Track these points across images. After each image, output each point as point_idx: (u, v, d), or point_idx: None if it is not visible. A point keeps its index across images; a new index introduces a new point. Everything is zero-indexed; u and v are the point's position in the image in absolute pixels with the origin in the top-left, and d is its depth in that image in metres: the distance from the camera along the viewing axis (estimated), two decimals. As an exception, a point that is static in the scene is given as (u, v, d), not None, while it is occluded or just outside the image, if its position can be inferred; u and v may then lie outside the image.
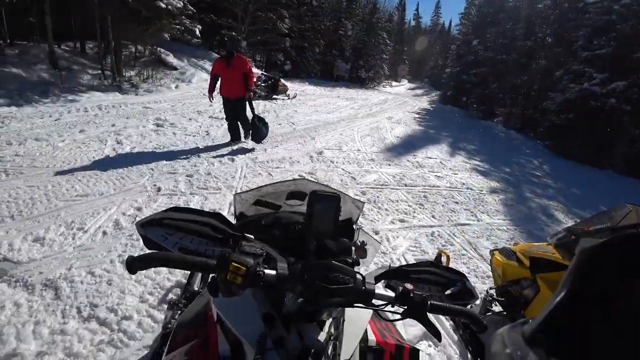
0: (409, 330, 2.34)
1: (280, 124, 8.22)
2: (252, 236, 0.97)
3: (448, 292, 0.94)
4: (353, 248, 1.09)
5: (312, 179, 1.18)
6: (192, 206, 3.57)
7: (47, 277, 2.30)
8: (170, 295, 2.28)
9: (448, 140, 10.65)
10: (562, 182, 8.44)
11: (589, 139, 11.84)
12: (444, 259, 3.04)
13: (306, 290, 0.74)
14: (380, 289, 0.83)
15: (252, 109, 5.91)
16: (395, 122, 12.05)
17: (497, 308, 2.60)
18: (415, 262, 1.00)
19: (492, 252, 2.90)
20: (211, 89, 5.70)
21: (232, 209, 1.23)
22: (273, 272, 0.75)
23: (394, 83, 43.74)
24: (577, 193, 7.73)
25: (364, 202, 1.32)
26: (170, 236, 0.85)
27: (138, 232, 0.83)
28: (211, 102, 5.99)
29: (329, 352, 0.82)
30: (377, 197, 4.74)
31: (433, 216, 4.49)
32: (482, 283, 3.27)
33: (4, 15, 9.03)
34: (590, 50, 12.66)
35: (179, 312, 1.51)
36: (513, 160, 10.06)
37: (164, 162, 4.73)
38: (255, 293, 0.88)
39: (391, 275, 0.92)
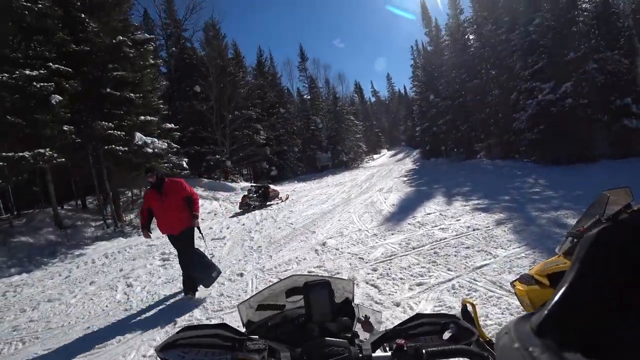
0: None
1: (279, 228, 8.40)
2: (256, 336, 1.07)
3: (446, 336, 0.99)
4: (359, 324, 1.16)
5: (302, 273, 1.27)
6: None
7: None
8: None
9: (441, 190, 10.86)
10: (563, 189, 8.46)
11: (569, 141, 12.34)
12: (469, 308, 2.92)
13: None
14: (378, 352, 0.90)
15: (203, 237, 5.27)
16: (387, 191, 12.39)
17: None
18: (406, 319, 1.07)
19: (512, 283, 2.86)
20: (144, 225, 4.72)
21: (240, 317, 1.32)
22: None
23: (374, 156, 45.86)
24: (580, 194, 7.67)
25: (354, 280, 1.42)
26: (186, 354, 0.94)
27: (157, 356, 0.93)
28: (149, 238, 5.00)
29: None
30: (389, 269, 4.67)
31: (449, 269, 4.40)
32: (518, 319, 3.11)
33: (10, 190, 9.77)
34: (529, 68, 13.99)
35: None
36: (508, 186, 10.17)
37: (175, 292, 4.77)
38: None
39: (388, 337, 0.98)
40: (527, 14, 14.64)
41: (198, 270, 4.54)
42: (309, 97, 36.43)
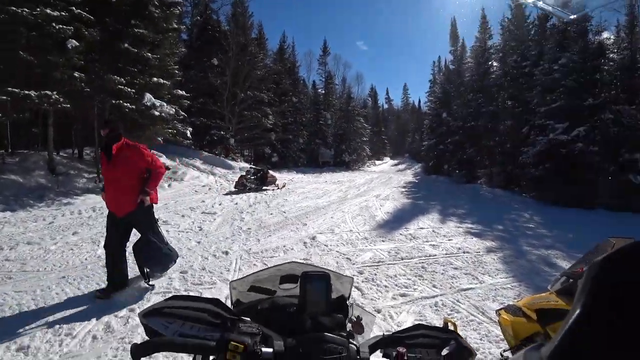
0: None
1: (271, 214, 8.36)
2: (248, 318, 1.01)
3: (444, 352, 0.96)
4: (349, 324, 1.12)
5: (302, 261, 1.24)
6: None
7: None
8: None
9: (437, 208, 10.85)
10: (557, 229, 8.46)
11: (571, 184, 12.34)
12: (450, 327, 2.90)
13: None
14: (376, 356, 0.87)
15: (155, 224, 4.02)
16: (384, 198, 12.36)
17: (515, 372, 2.43)
18: (407, 327, 1.03)
19: (497, 312, 2.82)
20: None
21: (229, 296, 1.27)
22: (270, 349, 0.79)
23: (377, 162, 45.87)
24: (573, 237, 7.70)
25: (353, 278, 1.37)
26: (171, 324, 0.90)
27: (140, 321, 0.88)
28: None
29: None
30: (375, 274, 4.65)
31: (434, 286, 4.38)
32: (497, 347, 3.12)
33: (8, 127, 9.65)
34: (546, 105, 13.97)
35: None
36: (504, 216, 10.17)
37: (158, 259, 4.68)
38: None
39: (385, 343, 0.95)
40: (554, 52, 14.61)
41: (152, 263, 3.70)
42: (323, 91, 36.25)
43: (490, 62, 20.97)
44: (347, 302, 1.24)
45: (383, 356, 0.89)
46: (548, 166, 13.26)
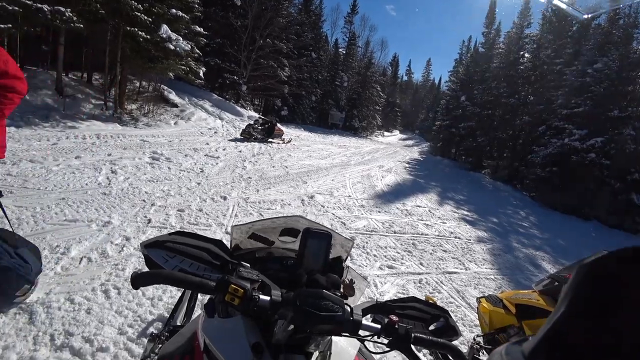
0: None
1: (274, 167, 8.37)
2: (248, 264, 1.02)
3: (431, 327, 0.99)
4: (342, 285, 1.12)
5: (307, 218, 1.23)
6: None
7: (23, 301, 2.23)
8: (151, 329, 2.21)
9: (437, 189, 10.87)
10: (549, 233, 8.58)
11: (573, 192, 12.29)
12: None
13: (297, 316, 0.77)
14: (367, 320, 0.87)
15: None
16: (386, 170, 12.34)
17: (484, 357, 2.56)
18: (401, 297, 1.05)
19: (478, 299, 2.92)
20: None
21: (229, 241, 1.28)
22: (267, 297, 0.79)
23: (385, 133, 45.22)
24: (562, 244, 7.85)
25: (353, 241, 1.37)
26: (171, 259, 0.91)
27: (142, 252, 0.89)
28: None
29: None
30: (366, 242, 4.75)
31: (421, 264, 4.50)
32: (469, 332, 3.23)
33: (18, 41, 9.38)
34: (569, 108, 13.53)
35: (160, 345, 1.49)
36: (500, 211, 10.25)
37: (157, 194, 4.75)
38: (245, 321, 0.90)
39: (377, 309, 0.97)
40: (591, 55, 13.86)
41: None
42: (344, 52, 34.88)
43: (522, 52, 20.01)
44: (344, 264, 1.25)
45: (372, 321, 0.90)
46: (555, 170, 13.13)
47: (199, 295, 1.41)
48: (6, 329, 2.01)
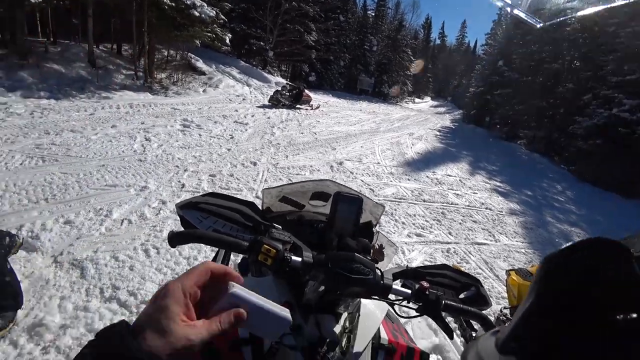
0: (420, 343, 2.33)
1: (302, 133, 8.36)
2: (280, 226, 1.03)
3: (462, 295, 0.98)
4: (371, 250, 1.12)
5: (338, 182, 1.23)
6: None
7: (75, 258, 2.42)
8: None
9: (469, 159, 10.53)
10: (586, 209, 8.17)
11: (617, 167, 11.45)
12: None
13: (328, 277, 0.78)
14: (397, 285, 0.86)
15: None
16: (416, 138, 12.03)
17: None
18: (432, 264, 1.04)
19: (508, 272, 2.86)
20: None
21: (261, 203, 1.30)
22: (299, 259, 0.80)
23: (416, 100, 43.66)
24: (601, 221, 7.46)
25: (384, 207, 1.34)
26: (205, 219, 0.93)
27: (177, 212, 0.91)
28: None
29: (343, 343, 0.85)
30: (395, 210, 4.75)
31: (450, 233, 4.46)
32: (496, 303, 3.22)
33: (49, 15, 9.60)
34: (621, 75, 12.35)
35: None
36: (535, 183, 9.83)
37: (189, 161, 4.90)
38: (276, 281, 0.92)
39: (408, 275, 0.97)
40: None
41: None
42: (373, 14, 33.17)
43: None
44: (374, 229, 1.25)
45: (402, 286, 0.90)
46: (599, 142, 12.19)
47: (232, 255, 1.46)
48: (61, 282, 2.21)
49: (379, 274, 0.82)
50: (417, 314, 0.88)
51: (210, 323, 0.40)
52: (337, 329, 0.86)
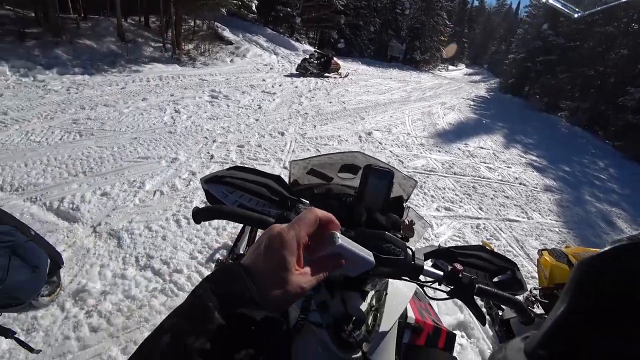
0: (444, 319, 2.33)
1: (330, 102, 8.21)
2: (307, 201, 1.01)
3: (496, 279, 0.93)
4: (401, 226, 1.09)
5: (367, 154, 1.17)
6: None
7: (112, 228, 2.56)
8: (217, 255, 2.44)
9: (503, 131, 10.03)
10: (630, 189, 7.65)
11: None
12: None
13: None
14: (428, 266, 0.83)
15: None
16: (449, 108, 11.53)
17: (538, 309, 2.49)
18: (466, 244, 0.99)
19: (540, 251, 2.77)
20: None
21: (288, 176, 1.29)
22: None
23: (450, 67, 41.47)
24: None
25: (416, 182, 1.28)
26: (231, 194, 0.91)
27: (202, 187, 0.89)
28: None
29: (369, 322, 0.84)
30: (424, 182, 4.68)
31: (480, 208, 4.34)
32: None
33: None
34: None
35: None
36: (574, 159, 9.27)
37: (217, 132, 4.95)
38: None
39: (440, 255, 0.93)
40: None
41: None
42: (406, -26, 31.10)
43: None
44: (404, 204, 1.20)
45: (433, 266, 0.87)
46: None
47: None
48: (100, 251, 2.35)
49: (410, 253, 0.80)
50: (448, 296, 0.84)
51: (318, 270, 0.42)
52: (364, 306, 0.85)
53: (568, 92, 17.60)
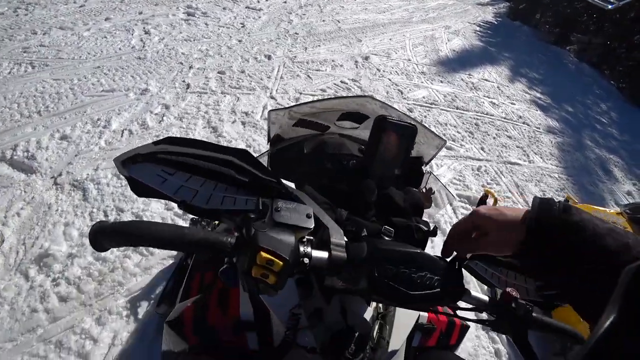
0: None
1: (324, 21, 7.36)
2: (292, 184, 0.70)
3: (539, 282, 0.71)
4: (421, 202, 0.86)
5: (381, 100, 0.86)
6: (222, 108, 3.35)
7: (75, 178, 2.25)
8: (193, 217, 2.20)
9: (509, 62, 9.41)
10: (629, 135, 7.41)
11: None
12: (490, 201, 2.79)
13: (374, 290, 0.52)
14: (473, 289, 0.64)
15: None
16: (453, 32, 10.61)
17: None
18: None
19: None
20: None
21: (267, 130, 0.95)
22: (324, 254, 0.51)
23: (455, -15, 37.95)
24: None
25: (445, 141, 1.00)
26: (171, 176, 0.54)
27: (120, 173, 0.52)
28: None
29: (374, 334, 0.66)
30: (425, 117, 4.41)
31: (482, 148, 4.15)
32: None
33: None
34: None
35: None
36: (578, 98, 8.83)
37: (195, 56, 4.39)
38: None
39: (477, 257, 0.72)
40: None
41: None
42: None
43: None
44: (424, 169, 0.97)
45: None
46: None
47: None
48: (64, 206, 2.07)
49: (453, 275, 0.56)
50: (489, 327, 0.65)
51: None
52: (369, 314, 0.64)
53: (582, 25, 16.25)
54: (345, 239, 0.54)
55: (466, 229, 0.58)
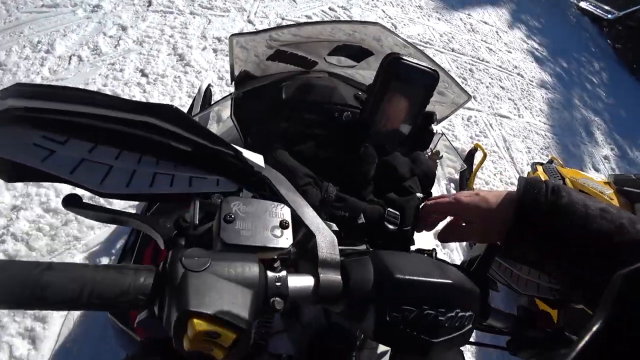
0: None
1: None
2: (260, 157, 0.42)
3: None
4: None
5: (392, 30, 0.55)
6: (190, 32, 2.79)
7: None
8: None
9: (510, 6, 8.78)
10: (614, 99, 7.40)
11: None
12: (479, 154, 2.62)
13: (382, 339, 0.38)
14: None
15: None
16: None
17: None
18: None
19: (534, 165, 2.50)
20: None
21: (230, 65, 0.70)
22: (307, 282, 0.35)
23: None
24: (623, 115, 6.81)
25: (470, 96, 0.85)
26: (63, 145, 0.32)
27: None
28: None
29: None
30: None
31: (474, 97, 3.87)
32: (505, 187, 2.95)
33: None
34: None
35: None
36: (574, 55, 8.55)
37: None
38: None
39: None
40: None
41: None
42: None
43: None
44: (434, 128, 0.77)
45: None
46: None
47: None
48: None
49: (484, 297, 0.44)
50: (508, 350, 0.54)
51: None
52: None
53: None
54: (341, 258, 0.37)
55: (446, 214, 0.57)
